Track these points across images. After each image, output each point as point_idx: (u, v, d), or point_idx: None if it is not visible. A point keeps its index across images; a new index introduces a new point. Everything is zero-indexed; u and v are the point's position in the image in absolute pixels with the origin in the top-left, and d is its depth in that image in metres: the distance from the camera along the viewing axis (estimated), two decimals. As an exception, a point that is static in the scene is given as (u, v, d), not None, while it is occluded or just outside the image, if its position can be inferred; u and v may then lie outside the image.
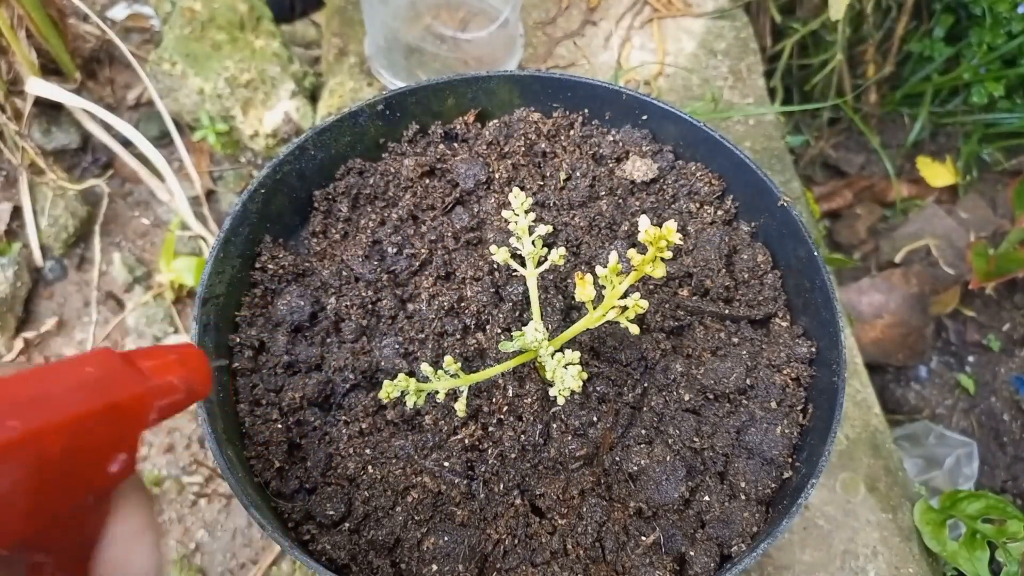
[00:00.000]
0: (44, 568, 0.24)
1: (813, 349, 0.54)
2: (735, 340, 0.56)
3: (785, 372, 0.54)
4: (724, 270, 0.57)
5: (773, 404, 0.52)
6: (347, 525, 0.49)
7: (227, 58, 1.09)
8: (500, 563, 0.48)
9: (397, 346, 0.55)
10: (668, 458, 0.50)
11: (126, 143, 1.10)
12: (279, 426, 0.52)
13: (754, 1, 1.15)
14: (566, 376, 0.44)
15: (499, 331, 0.54)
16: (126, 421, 0.24)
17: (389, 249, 0.58)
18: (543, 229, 0.47)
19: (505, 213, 0.46)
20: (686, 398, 0.52)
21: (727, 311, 0.56)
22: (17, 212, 1.10)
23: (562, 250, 0.46)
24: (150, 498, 0.27)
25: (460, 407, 0.44)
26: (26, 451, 0.21)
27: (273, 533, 0.45)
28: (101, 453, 0.24)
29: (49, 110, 1.14)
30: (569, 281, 0.57)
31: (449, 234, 0.59)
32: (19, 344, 1.06)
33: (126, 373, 0.25)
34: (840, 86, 1.21)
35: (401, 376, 0.42)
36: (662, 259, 0.40)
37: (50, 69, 1.11)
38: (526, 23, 1.05)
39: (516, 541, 0.48)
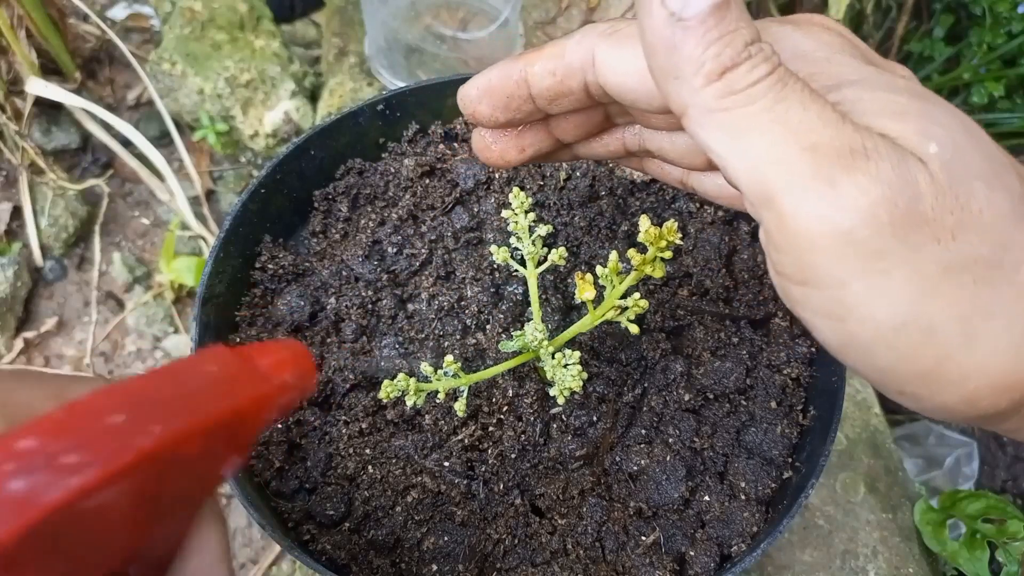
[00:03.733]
0: None
1: (813, 349, 0.54)
2: (735, 340, 0.55)
3: (785, 372, 0.54)
4: (724, 270, 0.57)
5: (773, 404, 0.52)
6: (347, 525, 0.49)
7: (227, 58, 1.09)
8: (500, 563, 0.48)
9: (397, 346, 0.55)
10: (668, 458, 0.50)
11: (126, 143, 1.10)
12: (279, 426, 0.52)
13: (754, 1, 1.15)
14: (566, 376, 0.44)
15: (499, 331, 0.54)
16: (251, 421, 0.23)
17: (389, 249, 0.58)
18: (543, 229, 0.47)
19: (505, 213, 0.46)
20: (686, 398, 0.52)
21: (727, 311, 0.56)
22: (17, 212, 1.10)
23: (562, 250, 0.46)
24: (226, 525, 0.26)
25: (460, 407, 0.44)
26: (167, 456, 0.19)
27: (273, 533, 0.45)
28: (224, 455, 0.23)
29: (49, 110, 1.14)
30: (569, 281, 0.57)
31: (449, 234, 0.59)
32: (19, 344, 1.06)
33: (249, 372, 0.24)
34: (840, 86, 1.21)
35: (401, 376, 0.42)
36: (662, 259, 0.40)
37: (50, 69, 1.11)
38: (526, 23, 1.05)
39: (516, 541, 0.48)
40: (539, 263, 0.47)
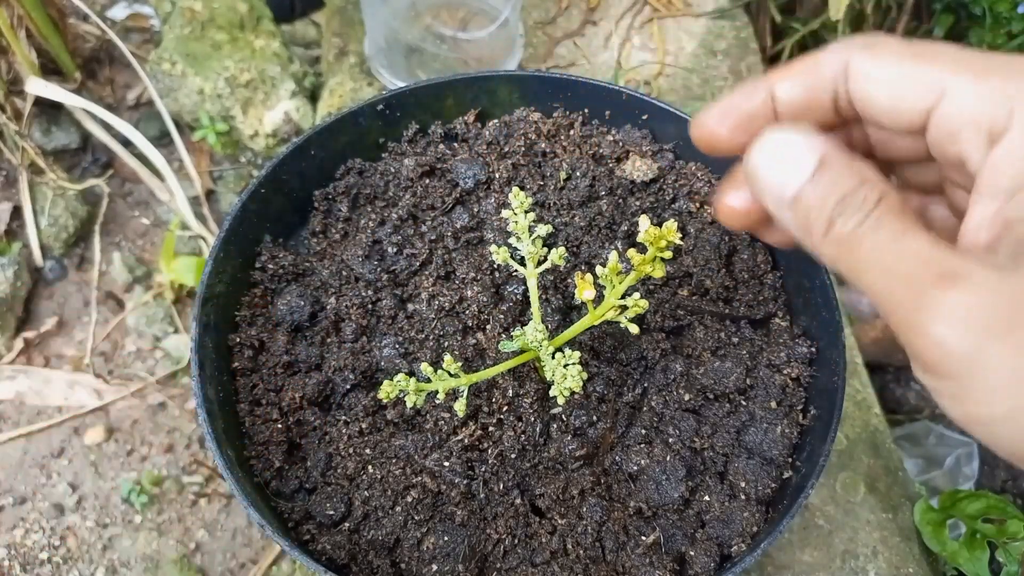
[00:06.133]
0: None
1: (813, 349, 0.54)
2: (735, 340, 0.55)
3: (785, 372, 0.54)
4: (724, 270, 0.57)
5: (773, 404, 0.52)
6: (347, 525, 0.49)
7: (227, 58, 1.09)
8: (500, 563, 0.48)
9: (397, 346, 0.55)
10: (668, 458, 0.50)
11: (126, 143, 1.10)
12: (279, 426, 0.52)
13: (754, 1, 1.15)
14: (566, 376, 0.44)
15: (499, 331, 0.54)
16: None
17: (389, 249, 0.58)
18: (543, 229, 0.47)
19: (505, 212, 0.46)
20: (686, 398, 0.52)
21: (727, 311, 0.56)
22: (17, 212, 1.10)
23: (562, 250, 0.46)
24: None
25: (460, 407, 0.44)
26: None
27: (273, 533, 0.45)
28: None
29: (49, 110, 1.14)
30: (569, 281, 0.57)
31: (449, 234, 0.59)
32: (19, 344, 1.06)
33: None
34: (840, 86, 1.21)
35: (401, 376, 0.42)
36: (662, 259, 0.40)
37: (50, 69, 1.11)
38: (526, 23, 1.05)
39: (516, 541, 0.48)
40: (539, 263, 0.47)
